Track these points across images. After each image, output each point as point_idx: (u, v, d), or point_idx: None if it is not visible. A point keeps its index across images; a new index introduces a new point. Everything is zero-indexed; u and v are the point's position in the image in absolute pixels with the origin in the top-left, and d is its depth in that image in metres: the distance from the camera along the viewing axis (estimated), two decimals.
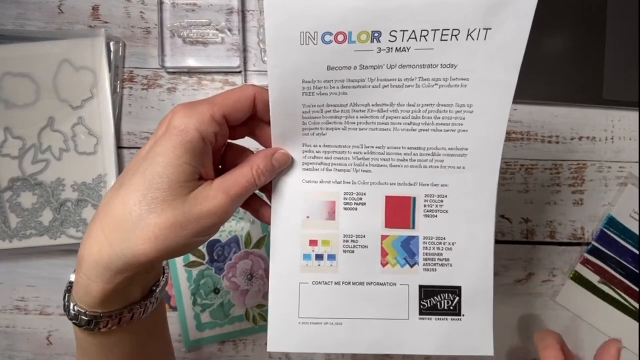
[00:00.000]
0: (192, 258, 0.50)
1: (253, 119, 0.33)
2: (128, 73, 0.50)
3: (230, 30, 0.50)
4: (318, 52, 0.31)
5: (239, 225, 0.50)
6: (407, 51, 0.32)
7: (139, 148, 0.50)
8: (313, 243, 0.36)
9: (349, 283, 0.36)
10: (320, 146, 0.35)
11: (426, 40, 0.31)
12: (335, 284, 0.36)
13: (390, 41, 0.31)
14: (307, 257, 0.36)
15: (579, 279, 0.51)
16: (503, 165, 0.51)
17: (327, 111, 0.33)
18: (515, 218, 0.51)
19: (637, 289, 0.50)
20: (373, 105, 0.33)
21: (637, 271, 0.50)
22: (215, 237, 0.50)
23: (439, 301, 0.36)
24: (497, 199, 0.39)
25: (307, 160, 0.35)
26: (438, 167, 0.35)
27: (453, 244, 0.36)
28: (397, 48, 0.31)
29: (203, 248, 0.50)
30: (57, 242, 0.49)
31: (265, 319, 0.50)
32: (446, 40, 0.31)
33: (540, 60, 0.50)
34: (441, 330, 0.36)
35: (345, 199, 0.36)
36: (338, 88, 0.33)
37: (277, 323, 0.35)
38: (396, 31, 0.31)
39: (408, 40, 0.31)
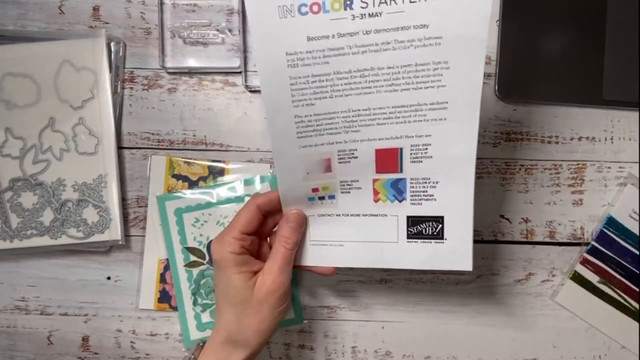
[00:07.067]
0: (192, 258, 0.50)
1: (273, 213, 0.41)
2: (128, 73, 0.51)
3: (230, 30, 0.50)
4: (296, 23, 0.33)
5: None
6: (380, 16, 0.33)
7: (139, 148, 0.51)
8: (315, 190, 0.41)
9: (347, 215, 0.41)
10: (310, 115, 0.37)
11: (396, 3, 0.33)
12: (336, 215, 0.42)
13: (362, 7, 0.33)
14: (311, 199, 0.41)
15: (578, 279, 0.51)
16: (503, 165, 0.51)
17: (313, 81, 0.36)
18: (514, 218, 0.51)
19: (636, 289, 0.50)
20: (355, 71, 0.35)
21: (637, 271, 0.50)
22: None
23: (424, 228, 0.41)
24: (496, 196, 0.39)
25: (300, 130, 0.38)
26: (421, 120, 0.37)
27: (437, 183, 0.40)
28: (369, 13, 0.33)
29: (203, 248, 0.50)
30: (58, 242, 0.49)
31: None
32: (415, 2, 0.33)
33: (539, 60, 0.50)
34: (426, 250, 0.41)
35: (339, 154, 0.39)
36: (320, 58, 0.35)
37: None
38: None
39: (379, 5, 0.33)
